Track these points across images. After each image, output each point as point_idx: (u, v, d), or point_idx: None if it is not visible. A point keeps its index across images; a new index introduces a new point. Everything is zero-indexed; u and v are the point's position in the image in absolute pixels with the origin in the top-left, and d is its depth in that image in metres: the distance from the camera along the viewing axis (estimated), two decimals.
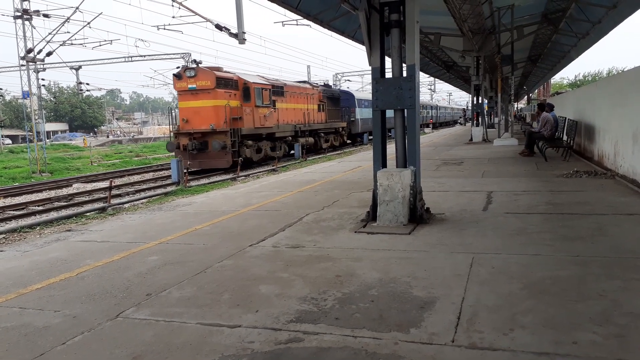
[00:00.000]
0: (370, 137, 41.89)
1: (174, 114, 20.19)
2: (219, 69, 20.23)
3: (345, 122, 32.15)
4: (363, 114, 35.73)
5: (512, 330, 2.97)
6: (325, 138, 28.66)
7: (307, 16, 12.05)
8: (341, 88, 36.85)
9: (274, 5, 10.21)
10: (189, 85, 19.03)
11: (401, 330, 3.06)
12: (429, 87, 73.00)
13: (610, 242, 4.72)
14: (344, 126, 31.74)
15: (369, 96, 37.28)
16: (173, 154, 19.56)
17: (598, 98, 11.81)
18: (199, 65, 19.66)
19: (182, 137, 19.21)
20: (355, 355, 2.78)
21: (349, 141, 34.45)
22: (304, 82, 27.74)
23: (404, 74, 6.21)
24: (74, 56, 37.86)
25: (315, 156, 24.77)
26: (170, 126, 19.89)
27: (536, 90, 58.00)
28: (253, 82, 20.83)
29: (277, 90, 22.83)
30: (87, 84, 42.41)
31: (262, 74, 24.89)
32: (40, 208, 12.09)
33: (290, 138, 24.18)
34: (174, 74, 19.54)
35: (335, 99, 30.97)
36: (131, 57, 35.11)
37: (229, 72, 20.36)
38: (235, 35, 17.57)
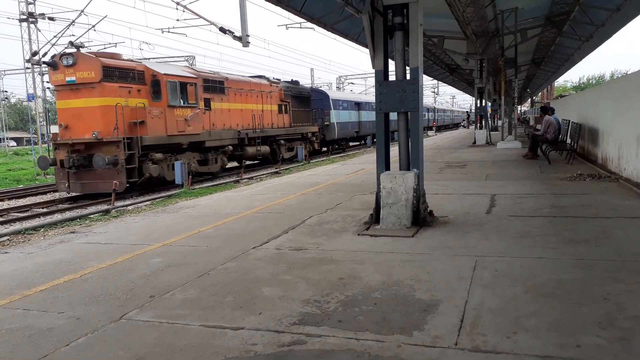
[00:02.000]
0: (374, 140, 40.77)
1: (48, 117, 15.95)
2: (113, 55, 15.13)
3: (318, 126, 27.17)
4: (340, 117, 31.35)
5: (516, 333, 2.96)
6: (287, 146, 23.22)
7: (310, 19, 12.09)
8: (314, 86, 31.45)
9: (278, 9, 10.26)
10: (67, 78, 13.85)
11: (404, 333, 3.05)
12: (433, 90, 72.90)
13: (615, 245, 4.71)
14: (315, 131, 26.32)
15: (348, 96, 34.93)
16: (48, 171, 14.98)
17: (602, 101, 11.79)
18: (80, 49, 14.62)
19: (60, 149, 14.24)
20: (358, 357, 2.78)
21: (323, 149, 29.66)
22: (260, 76, 22.25)
23: (408, 77, 6.21)
24: None
25: (318, 159, 24.78)
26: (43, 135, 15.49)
27: (540, 93, 57.89)
28: (166, 74, 15.38)
29: (213, 85, 17.75)
30: None
31: (197, 67, 19.94)
32: (45, 210, 12.13)
33: (230, 147, 18.70)
34: (45, 62, 14.72)
35: (304, 99, 25.50)
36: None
37: (129, 61, 15.50)
38: (239, 38, 17.59)
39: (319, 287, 3.96)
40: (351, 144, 35.56)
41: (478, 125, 22.92)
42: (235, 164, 21.33)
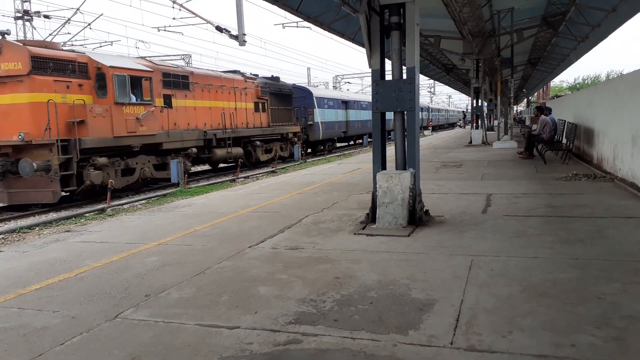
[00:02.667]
0: (370, 140, 39.85)
1: None
2: (48, 44, 13.40)
3: (300, 126, 25.04)
4: (326, 116, 29.13)
5: (511, 332, 2.97)
6: (265, 148, 21.18)
7: (307, 18, 12.09)
8: (297, 84, 28.88)
9: (275, 8, 10.24)
10: None
11: (400, 332, 3.05)
12: (429, 89, 73.01)
13: (609, 245, 4.72)
14: (297, 131, 24.24)
15: (334, 94, 32.88)
16: None
17: (597, 101, 11.83)
18: (5, 36, 12.59)
19: None
20: (353, 357, 2.78)
21: (307, 150, 27.64)
22: (234, 71, 20.15)
23: (404, 77, 6.22)
24: None
25: (314, 158, 24.74)
26: None
27: (536, 93, 58.10)
28: (112, 67, 13.40)
29: (175, 80, 15.77)
30: None
31: (157, 60, 17.14)
32: (40, 209, 12.07)
33: (194, 150, 16.56)
34: None
35: (285, 97, 23.38)
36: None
37: (70, 51, 13.53)
38: (235, 37, 17.58)
39: (315, 287, 3.96)
40: (338, 144, 33.62)
41: (474, 125, 22.97)
42: (209, 167, 20.27)
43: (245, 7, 16.75)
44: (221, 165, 20.85)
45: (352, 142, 37.18)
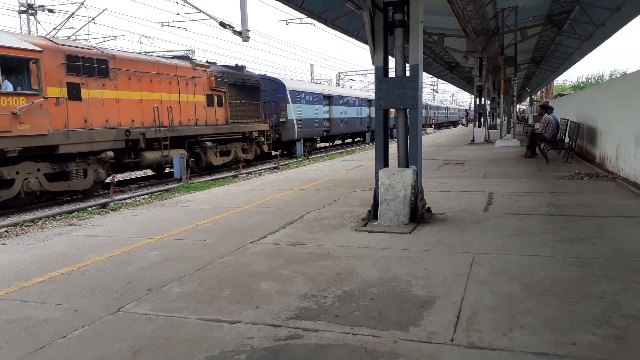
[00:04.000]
0: (359, 139, 36.08)
1: None
2: None
3: (270, 123, 21.75)
4: (303, 112, 25.20)
5: (512, 330, 2.98)
6: (221, 149, 17.78)
7: (311, 15, 12.06)
8: (267, 75, 24.91)
9: (279, 4, 10.23)
10: None
11: (400, 328, 3.06)
12: (432, 87, 72.82)
13: (611, 244, 4.72)
14: (265, 130, 20.82)
15: (314, 88, 28.32)
16: None
17: (600, 101, 11.80)
18: None
19: None
20: (354, 352, 2.79)
21: (276, 152, 23.84)
22: (181, 57, 16.83)
23: (407, 74, 6.21)
24: None
25: (317, 155, 24.70)
26: None
27: (539, 92, 57.94)
28: None
29: (86, 65, 12.38)
30: None
31: (59, 39, 13.35)
32: (44, 202, 12.09)
33: (111, 153, 13.01)
34: None
35: (250, 89, 19.69)
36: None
37: None
38: (239, 33, 17.59)
39: (316, 282, 3.97)
40: (319, 145, 29.45)
41: (477, 123, 22.92)
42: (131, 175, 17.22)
43: (249, 3, 16.75)
44: (162, 171, 17.17)
45: (338, 142, 33.96)
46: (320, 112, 27.79)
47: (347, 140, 35.58)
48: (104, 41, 25.24)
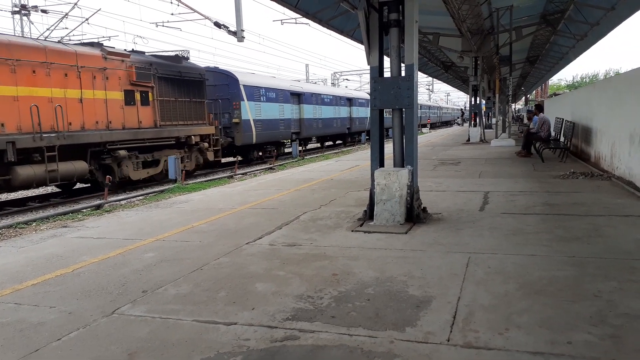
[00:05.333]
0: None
1: None
2: None
3: (219, 125, 18.42)
4: (263, 112, 21.63)
5: (508, 330, 2.98)
6: (144, 159, 14.56)
7: (306, 15, 12.05)
8: (217, 67, 21.42)
9: (273, 4, 10.20)
10: None
11: (397, 329, 3.06)
12: (427, 87, 72.92)
13: (606, 243, 4.74)
14: (210, 133, 17.44)
15: (278, 84, 23.93)
16: None
17: (595, 100, 11.85)
18: None
19: None
20: (351, 353, 2.78)
21: (231, 158, 20.71)
22: (90, 44, 13.92)
23: (403, 74, 6.21)
24: None
25: (313, 155, 24.66)
26: None
27: (534, 92, 58.13)
28: None
29: None
30: None
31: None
32: (38, 204, 12.04)
33: None
34: None
35: (190, 84, 16.36)
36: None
37: None
38: (233, 33, 17.56)
39: (312, 283, 3.96)
40: (287, 149, 25.67)
41: (472, 122, 22.97)
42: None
43: (243, 3, 16.68)
44: (72, 187, 14.03)
45: (313, 146, 30.71)
46: (286, 111, 24.10)
47: (327, 143, 32.61)
48: (98, 41, 25.16)
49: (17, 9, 24.64)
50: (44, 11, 25.09)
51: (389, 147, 6.56)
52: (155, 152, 15.00)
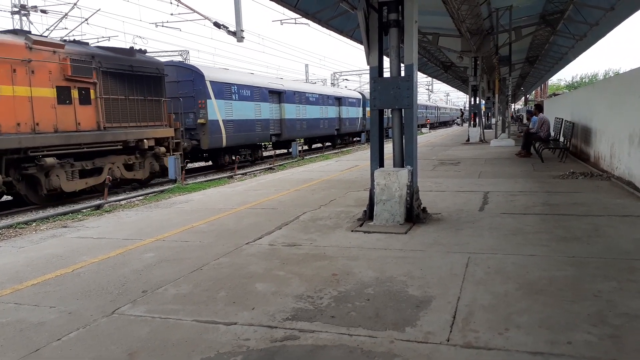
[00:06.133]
0: (353, 139, 33.78)
1: None
2: None
3: (181, 127, 16.21)
4: (235, 111, 19.30)
5: (508, 329, 2.98)
6: (81, 168, 12.47)
7: (305, 15, 12.06)
8: (180, 62, 20.18)
9: (273, 4, 10.20)
10: None
11: (397, 328, 3.06)
12: (427, 87, 72.89)
13: (606, 243, 4.74)
14: (169, 136, 15.22)
15: (253, 80, 21.41)
16: None
17: (595, 100, 11.85)
18: None
19: None
20: (350, 353, 2.78)
21: (202, 163, 19.66)
22: (11, 31, 11.74)
23: (402, 74, 6.21)
24: None
25: (312, 155, 24.64)
26: None
27: (533, 92, 58.14)
28: None
29: None
30: None
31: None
32: (36, 205, 12.02)
33: None
34: None
35: (145, 80, 14.36)
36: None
37: None
38: (233, 34, 17.54)
39: (312, 283, 3.96)
40: (266, 153, 24.13)
41: (472, 123, 22.98)
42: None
43: (243, 3, 16.64)
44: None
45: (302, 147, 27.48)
46: (264, 111, 21.78)
47: (314, 146, 30.59)
48: (98, 42, 25.16)
49: (17, 9, 24.63)
50: (43, 11, 25.08)
51: (388, 147, 6.55)
52: (96, 159, 12.93)
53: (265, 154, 24.55)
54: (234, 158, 19.13)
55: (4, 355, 2.96)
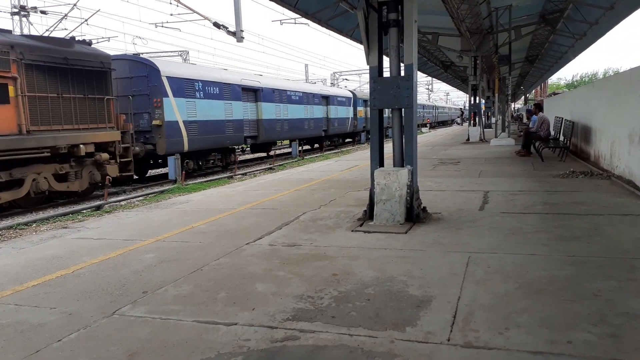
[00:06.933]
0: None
1: None
2: None
3: (132, 129, 14.01)
4: (200, 110, 17.03)
5: (508, 329, 2.98)
6: None
7: (305, 15, 12.06)
8: (133, 55, 17.79)
9: (273, 4, 10.20)
10: None
11: (397, 328, 3.06)
12: (427, 86, 72.85)
13: (606, 243, 4.74)
14: (117, 140, 13.16)
15: (215, 75, 18.60)
16: None
17: (594, 99, 11.85)
18: None
19: None
20: (351, 353, 2.78)
21: (164, 169, 16.40)
22: None
23: (402, 73, 6.21)
24: None
25: (312, 155, 24.61)
26: None
27: (533, 91, 58.15)
28: None
29: None
30: None
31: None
32: (37, 205, 12.03)
33: None
34: None
35: (85, 75, 12.35)
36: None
37: None
38: (233, 34, 17.54)
39: (313, 283, 3.96)
40: (244, 157, 22.34)
41: (472, 122, 22.98)
42: None
43: (243, 3, 16.61)
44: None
45: (287, 150, 26.39)
46: (237, 110, 19.33)
47: (300, 148, 26.83)
48: (98, 42, 25.15)
49: (17, 10, 24.63)
50: (43, 12, 25.08)
51: (388, 147, 6.55)
52: (15, 169, 10.73)
53: (244, 157, 22.92)
54: (200, 163, 17.43)
55: (5, 357, 2.96)
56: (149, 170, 17.69)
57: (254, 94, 20.97)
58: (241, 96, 19.66)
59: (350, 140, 34.13)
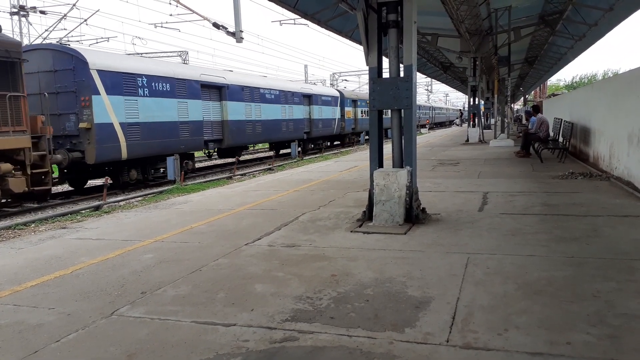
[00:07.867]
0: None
1: None
2: None
3: (48, 133, 11.67)
4: (144, 110, 14.69)
5: (507, 330, 2.98)
6: None
7: (304, 15, 12.05)
8: (55, 44, 16.47)
9: (272, 4, 10.21)
10: None
11: (396, 329, 3.06)
12: (426, 87, 72.88)
13: (605, 244, 4.74)
14: (26, 147, 10.86)
15: (166, 70, 16.08)
16: None
17: (594, 100, 11.86)
18: None
19: None
20: (350, 354, 2.78)
21: (100, 181, 14.06)
22: None
23: (401, 74, 6.21)
24: None
25: (312, 156, 24.60)
26: None
27: (532, 92, 58.19)
28: None
29: None
30: None
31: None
32: (36, 205, 12.03)
33: None
34: None
35: None
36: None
37: None
38: (232, 34, 17.54)
39: (312, 284, 3.96)
40: (209, 163, 21.13)
41: (471, 123, 23.00)
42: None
43: (242, 4, 16.60)
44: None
45: (262, 154, 24.99)
46: (194, 110, 16.85)
47: (283, 151, 26.11)
48: (97, 42, 25.15)
49: (16, 10, 24.62)
50: (42, 12, 25.09)
51: (388, 148, 6.55)
52: None
53: (208, 163, 20.89)
54: (145, 175, 15.30)
55: (3, 357, 2.96)
56: (89, 181, 15.12)
57: (217, 91, 18.59)
58: (200, 94, 17.26)
59: (338, 143, 32.07)
